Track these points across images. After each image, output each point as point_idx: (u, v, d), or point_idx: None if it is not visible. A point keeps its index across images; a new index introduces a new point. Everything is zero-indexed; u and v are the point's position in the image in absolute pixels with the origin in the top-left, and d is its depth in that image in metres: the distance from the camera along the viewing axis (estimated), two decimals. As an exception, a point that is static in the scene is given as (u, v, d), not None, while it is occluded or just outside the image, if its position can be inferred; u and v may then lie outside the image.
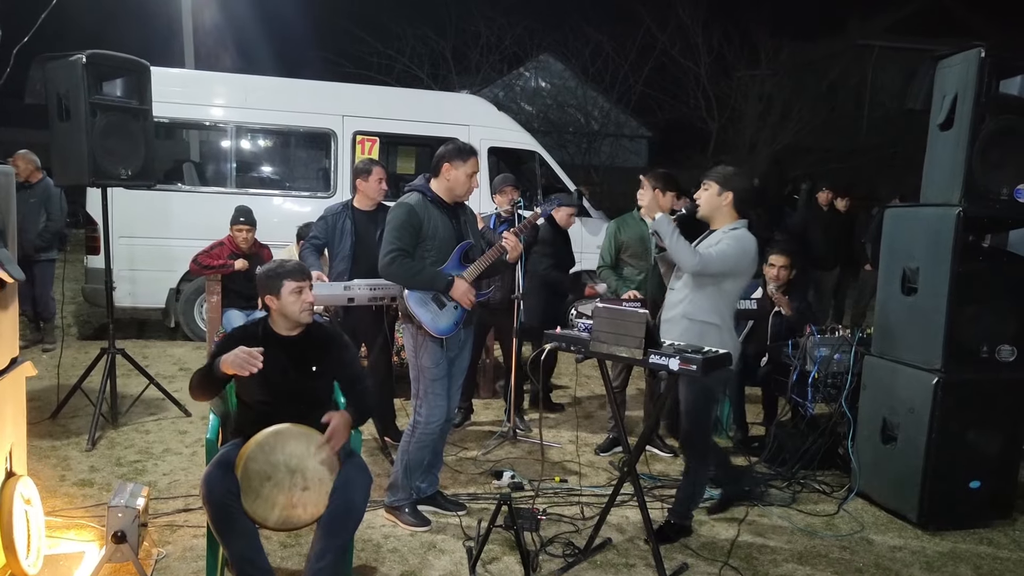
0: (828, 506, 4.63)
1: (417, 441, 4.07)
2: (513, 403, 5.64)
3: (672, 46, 18.57)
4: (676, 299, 3.97)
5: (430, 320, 3.95)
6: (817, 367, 4.97)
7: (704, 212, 3.96)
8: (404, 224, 3.91)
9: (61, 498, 4.22)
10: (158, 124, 6.19)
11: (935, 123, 4.33)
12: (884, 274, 4.66)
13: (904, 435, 4.41)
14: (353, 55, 17.60)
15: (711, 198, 3.93)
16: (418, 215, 3.92)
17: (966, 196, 4.13)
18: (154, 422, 5.60)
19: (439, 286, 3.93)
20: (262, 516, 3.00)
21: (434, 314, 3.96)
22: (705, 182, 3.96)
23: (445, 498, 4.33)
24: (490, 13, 18.45)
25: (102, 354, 5.50)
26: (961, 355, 4.23)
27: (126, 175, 5.29)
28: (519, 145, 9.59)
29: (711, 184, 3.93)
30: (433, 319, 3.96)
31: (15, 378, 3.21)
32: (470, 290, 3.99)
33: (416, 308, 3.94)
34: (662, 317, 4.00)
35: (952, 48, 4.27)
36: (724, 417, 5.86)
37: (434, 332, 3.96)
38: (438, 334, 3.97)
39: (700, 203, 3.95)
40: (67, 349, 7.06)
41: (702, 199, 3.95)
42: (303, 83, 9.24)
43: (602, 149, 20.37)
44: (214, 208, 7.56)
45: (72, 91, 4.98)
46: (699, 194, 3.97)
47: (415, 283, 3.94)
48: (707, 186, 3.94)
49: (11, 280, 2.96)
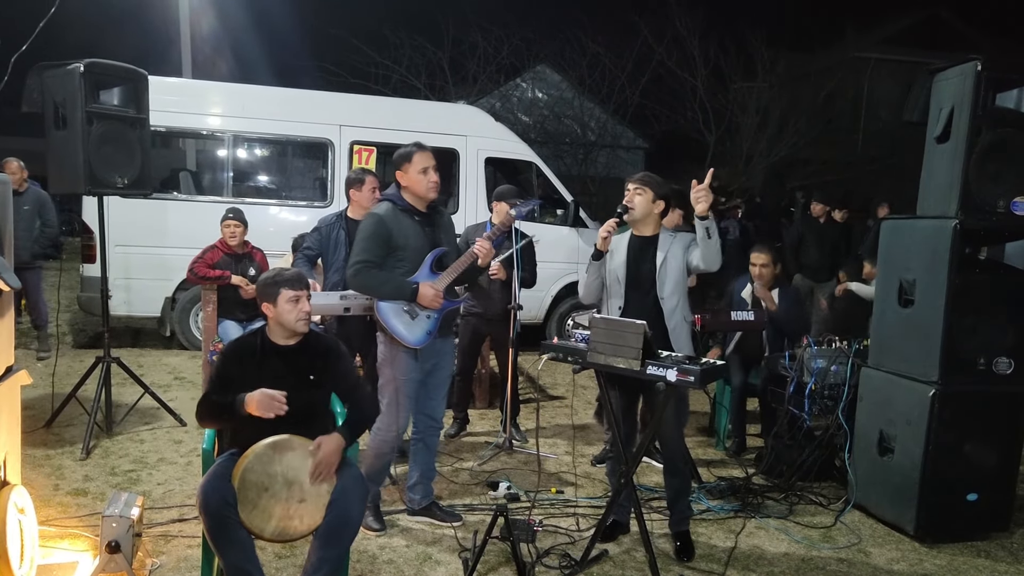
0: (825, 518, 4.62)
1: (374, 449, 4.06)
2: (509, 414, 5.63)
3: (669, 58, 18.61)
4: (671, 307, 3.98)
5: (403, 330, 3.94)
6: (814, 379, 4.97)
7: (638, 215, 4.02)
8: (372, 235, 3.91)
9: (55, 507, 4.19)
10: (155, 133, 6.18)
11: (932, 136, 4.35)
12: (881, 286, 4.67)
13: (901, 447, 4.41)
14: (350, 65, 17.62)
15: (646, 203, 4.00)
16: (387, 225, 3.91)
17: (963, 208, 4.14)
18: (149, 431, 5.58)
19: (405, 294, 3.91)
20: (258, 527, 2.98)
21: (406, 324, 3.95)
22: (639, 187, 4.02)
23: (441, 508, 4.31)
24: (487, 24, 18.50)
25: (97, 363, 5.48)
26: (958, 367, 4.23)
27: (122, 184, 5.29)
28: (516, 156, 9.60)
29: (645, 190, 4.00)
30: (406, 329, 3.95)
31: (10, 386, 3.19)
32: (438, 294, 3.96)
33: (388, 319, 3.93)
34: (668, 327, 3.98)
35: (949, 61, 4.29)
36: (721, 428, 5.86)
37: (406, 343, 3.95)
38: (411, 344, 3.96)
39: (635, 207, 4.00)
40: (62, 357, 7.04)
41: (637, 203, 4.00)
42: (300, 93, 9.25)
43: (599, 160, 20.39)
44: (210, 217, 7.53)
45: (69, 99, 4.98)
46: (631, 196, 4.01)
47: (381, 293, 3.93)
48: (641, 191, 4.01)
49: (7, 288, 2.95)
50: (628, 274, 4.05)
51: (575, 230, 9.35)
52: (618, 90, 19.37)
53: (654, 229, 4.07)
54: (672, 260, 3.98)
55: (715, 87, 19.01)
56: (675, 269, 3.99)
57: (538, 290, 8.24)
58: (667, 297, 3.99)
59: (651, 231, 4.07)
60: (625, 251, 4.08)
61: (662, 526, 4.29)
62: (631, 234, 4.12)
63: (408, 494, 4.33)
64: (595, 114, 20.31)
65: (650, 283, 4.00)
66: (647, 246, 4.05)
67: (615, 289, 4.09)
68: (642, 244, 4.06)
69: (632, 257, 4.06)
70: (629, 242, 4.10)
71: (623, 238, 4.12)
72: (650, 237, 4.06)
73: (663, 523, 4.30)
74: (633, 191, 4.01)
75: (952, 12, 25.31)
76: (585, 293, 4.21)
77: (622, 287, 4.06)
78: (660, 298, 3.99)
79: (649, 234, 4.07)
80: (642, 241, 4.07)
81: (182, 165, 9.89)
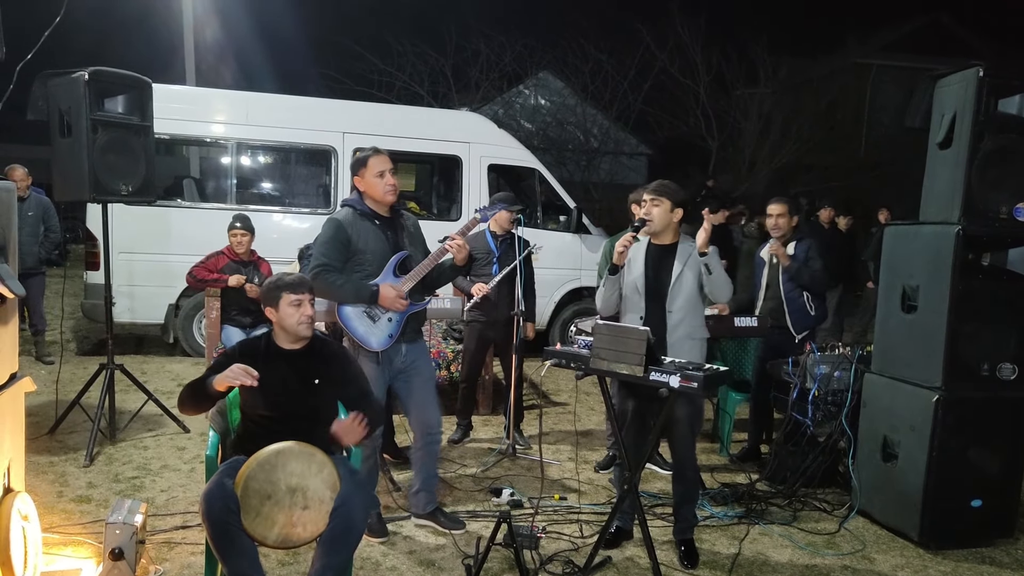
0: (829, 524, 4.61)
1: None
2: (513, 419, 5.63)
3: (671, 64, 18.65)
4: (676, 321, 3.97)
5: (363, 334, 3.95)
6: (817, 384, 4.96)
7: (657, 227, 3.99)
8: (331, 239, 3.93)
9: (58, 514, 4.20)
10: (158, 140, 6.21)
11: (934, 142, 4.34)
12: (884, 292, 4.67)
13: (905, 453, 4.40)
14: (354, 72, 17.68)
15: (664, 214, 3.97)
16: (346, 230, 3.93)
17: (965, 214, 4.14)
18: (152, 438, 5.58)
19: (364, 296, 3.91)
20: (261, 534, 2.98)
21: (367, 328, 3.96)
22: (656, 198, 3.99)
23: (445, 515, 4.31)
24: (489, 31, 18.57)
25: (101, 370, 5.49)
26: (962, 373, 4.23)
27: (126, 191, 5.30)
28: (519, 162, 9.61)
29: (662, 200, 3.97)
30: (366, 332, 3.95)
31: (14, 393, 3.20)
32: (400, 295, 3.96)
33: (348, 322, 3.94)
34: (668, 342, 3.96)
35: (951, 67, 4.29)
36: (725, 434, 5.85)
37: (367, 346, 3.95)
38: (370, 348, 3.96)
39: (653, 219, 3.97)
40: (66, 364, 7.05)
41: (655, 214, 3.97)
42: (304, 100, 9.28)
43: (601, 166, 20.43)
44: (214, 224, 7.57)
45: (74, 107, 5.01)
46: (649, 208, 3.98)
47: (340, 296, 3.93)
48: (658, 202, 3.97)
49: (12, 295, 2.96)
50: (648, 285, 4.02)
51: (578, 236, 9.36)
52: (621, 96, 19.43)
53: (673, 237, 4.05)
54: (688, 274, 3.96)
55: (717, 93, 19.06)
56: (689, 285, 3.97)
57: (541, 296, 8.20)
58: (674, 311, 3.97)
59: (670, 239, 4.05)
60: (643, 261, 4.05)
61: (665, 533, 4.28)
62: (649, 242, 4.09)
63: (412, 499, 4.32)
64: (598, 120, 20.36)
65: (665, 294, 3.99)
66: (666, 256, 4.02)
67: (634, 300, 4.05)
68: (661, 254, 4.04)
69: (651, 267, 4.03)
70: (648, 251, 4.07)
71: (640, 247, 4.09)
72: (669, 246, 4.04)
73: (667, 529, 4.30)
74: (650, 202, 3.98)
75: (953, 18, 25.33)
76: (603, 306, 4.17)
77: (642, 299, 4.02)
78: (668, 311, 3.98)
79: (668, 243, 4.04)
80: (661, 250, 4.05)
81: (186, 172, 9.91)
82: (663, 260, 4.02)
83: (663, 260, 4.02)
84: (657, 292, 4.01)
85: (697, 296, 4.01)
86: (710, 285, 3.94)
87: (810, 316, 5.41)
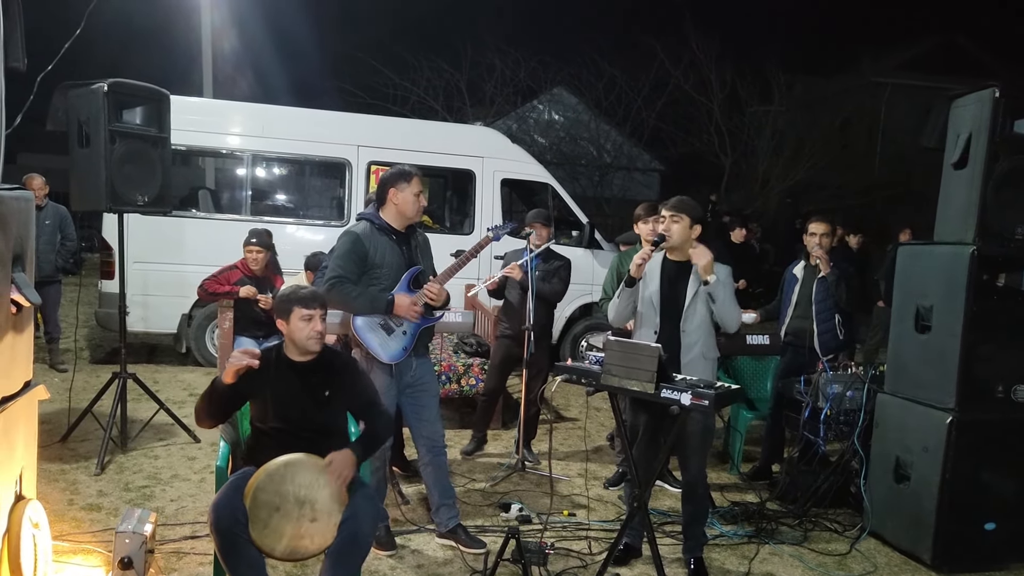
0: (840, 545, 4.57)
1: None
2: (523, 435, 5.62)
3: (685, 81, 18.68)
4: (692, 341, 3.95)
5: (378, 346, 3.96)
6: (829, 404, 4.93)
7: (676, 243, 3.98)
8: (348, 252, 3.95)
9: (69, 522, 4.21)
10: (175, 151, 6.25)
11: (949, 162, 4.33)
12: (897, 312, 4.64)
13: (917, 474, 4.36)
14: (369, 86, 17.79)
15: (683, 230, 3.96)
16: (363, 244, 3.95)
17: (980, 235, 4.13)
18: (163, 447, 5.60)
19: (380, 307, 3.93)
20: (269, 546, 2.99)
21: (382, 340, 3.97)
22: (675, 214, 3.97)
23: (467, 533, 4.26)
24: (504, 47, 18.66)
25: (113, 378, 5.51)
26: (976, 394, 4.20)
27: (142, 201, 5.35)
28: (532, 177, 9.64)
29: (681, 216, 3.96)
30: (381, 345, 3.97)
31: (28, 401, 3.21)
32: (415, 303, 3.97)
33: (363, 334, 3.95)
34: (682, 361, 3.95)
35: (966, 87, 4.29)
36: (735, 452, 5.82)
37: (382, 358, 3.96)
38: (386, 360, 3.98)
39: (672, 235, 3.96)
40: (79, 373, 7.08)
41: (674, 231, 3.95)
42: (319, 113, 9.34)
43: (614, 182, 20.44)
44: (228, 235, 7.61)
45: (93, 118, 5.06)
46: (668, 224, 3.97)
47: (355, 307, 3.95)
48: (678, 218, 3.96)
49: (28, 304, 2.98)
50: (663, 301, 4.00)
51: (590, 251, 9.36)
52: (634, 113, 19.47)
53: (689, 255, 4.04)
54: (702, 293, 3.95)
55: (731, 110, 19.05)
56: (704, 306, 3.96)
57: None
58: (689, 331, 3.96)
59: (687, 256, 4.02)
60: (659, 277, 4.04)
61: (675, 551, 4.26)
62: (664, 257, 4.07)
63: (435, 517, 4.31)
64: (611, 136, 20.40)
65: (680, 313, 3.97)
66: (682, 273, 4.01)
67: (649, 316, 4.04)
68: (678, 270, 4.02)
69: (667, 283, 4.02)
70: (663, 267, 4.05)
71: (656, 262, 4.07)
72: (685, 263, 4.02)
73: (676, 548, 4.28)
74: (670, 218, 3.97)
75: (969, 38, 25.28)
76: (615, 317, 4.17)
77: (657, 314, 4.01)
78: (681, 330, 3.96)
79: (685, 259, 4.02)
80: (677, 267, 4.03)
81: (201, 183, 10.00)
82: (679, 277, 4.01)
83: (679, 277, 4.01)
84: (672, 309, 3.99)
85: (711, 317, 4.00)
86: (718, 312, 3.94)
87: (838, 340, 5.38)
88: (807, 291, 5.44)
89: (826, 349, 5.34)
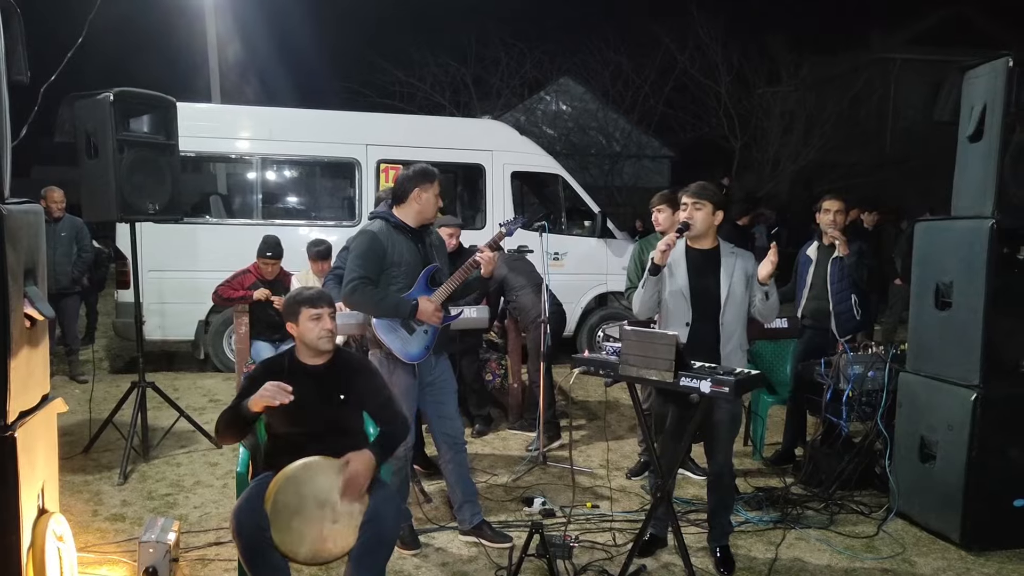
0: (867, 527, 4.52)
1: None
2: (542, 426, 5.59)
3: (692, 65, 18.57)
4: (730, 332, 3.90)
5: (400, 347, 3.94)
6: (851, 385, 4.88)
7: (700, 231, 3.92)
8: (367, 252, 3.90)
9: (93, 533, 4.23)
10: (185, 158, 6.27)
11: (964, 135, 4.26)
12: (916, 289, 4.58)
13: (943, 453, 4.31)
14: (376, 84, 17.83)
15: (706, 217, 3.90)
16: (382, 243, 3.91)
17: (999, 208, 4.06)
18: (185, 455, 5.62)
19: (404, 311, 3.90)
20: (292, 550, 2.98)
21: (404, 340, 3.95)
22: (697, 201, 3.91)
23: (491, 528, 4.24)
24: (509, 39, 18.61)
25: (133, 388, 5.53)
26: (999, 370, 4.14)
27: (153, 210, 5.35)
28: (542, 169, 9.60)
29: (704, 203, 3.90)
30: (403, 345, 3.94)
31: (47, 415, 3.22)
32: (438, 309, 3.96)
33: (384, 335, 3.92)
34: (721, 353, 3.89)
35: (979, 58, 4.21)
36: (758, 438, 5.77)
37: (405, 358, 3.95)
38: (409, 360, 3.96)
39: (695, 223, 3.90)
40: (99, 383, 7.11)
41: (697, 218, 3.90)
42: (327, 114, 9.34)
43: (624, 170, 20.38)
44: (242, 240, 7.63)
45: (100, 128, 5.06)
46: (691, 212, 3.91)
47: (379, 310, 3.92)
48: (700, 205, 3.91)
49: (41, 318, 2.98)
50: (693, 291, 3.92)
51: (603, 241, 9.32)
52: (642, 100, 19.38)
53: (712, 242, 3.98)
54: (738, 287, 3.89)
55: (739, 93, 18.93)
56: (739, 297, 3.90)
57: (568, 302, 8.20)
58: (727, 323, 3.90)
59: (710, 244, 3.97)
60: (685, 267, 3.96)
61: (700, 539, 4.23)
62: (687, 246, 4.00)
63: (458, 515, 4.30)
64: (619, 124, 20.33)
65: (714, 306, 3.90)
66: (708, 261, 3.95)
67: (680, 308, 3.94)
68: (703, 259, 3.96)
69: (694, 273, 3.95)
70: (688, 257, 3.97)
71: (679, 251, 3.98)
72: (710, 251, 3.96)
73: (701, 536, 4.24)
74: (692, 206, 3.90)
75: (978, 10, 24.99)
76: (641, 309, 4.04)
77: (688, 305, 3.92)
78: (721, 323, 3.90)
79: (708, 247, 3.97)
80: (703, 255, 3.96)
81: (212, 189, 9.99)
82: (706, 266, 3.94)
83: (706, 266, 3.94)
84: (704, 301, 3.91)
85: (746, 307, 3.95)
86: (764, 308, 3.91)
87: (855, 320, 5.32)
88: (822, 272, 5.38)
89: (844, 330, 5.29)
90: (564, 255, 9.11)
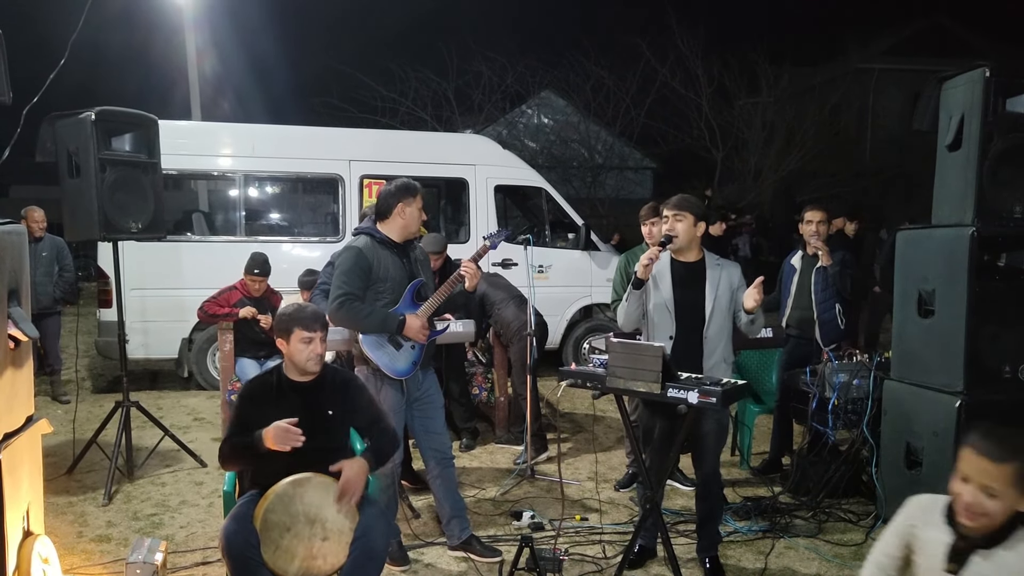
0: (856, 535, 4.54)
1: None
2: (530, 439, 5.59)
3: (672, 77, 18.69)
4: (713, 346, 3.91)
5: (387, 362, 3.92)
6: (836, 393, 4.91)
7: (683, 243, 3.94)
8: (353, 268, 3.89)
9: (79, 555, 4.18)
10: (167, 176, 6.23)
11: (943, 144, 4.31)
12: (899, 297, 4.62)
13: (929, 460, 4.34)
14: (357, 100, 17.78)
15: (688, 229, 3.91)
16: (367, 258, 3.90)
17: (978, 216, 4.10)
18: (170, 474, 5.57)
19: (391, 327, 3.89)
20: (282, 568, 2.96)
21: (391, 356, 3.94)
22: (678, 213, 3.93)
23: (480, 543, 4.23)
24: (490, 53, 18.66)
25: (116, 407, 5.48)
26: (983, 376, 4.17)
27: (136, 228, 5.32)
28: (525, 182, 9.62)
29: (685, 215, 3.92)
30: (390, 361, 3.93)
31: (31, 436, 3.19)
32: (424, 326, 3.95)
33: (371, 351, 3.91)
34: (704, 366, 3.89)
35: (956, 68, 4.27)
36: (745, 447, 5.79)
37: (392, 374, 3.93)
38: (396, 376, 3.95)
39: (678, 234, 3.91)
40: (82, 403, 7.06)
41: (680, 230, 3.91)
42: (309, 130, 9.33)
43: (607, 182, 20.45)
44: (225, 257, 7.60)
45: (81, 148, 5.03)
46: (672, 224, 3.92)
47: (366, 326, 3.90)
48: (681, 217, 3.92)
49: (25, 338, 2.96)
50: (677, 305, 3.93)
51: (587, 253, 9.34)
52: (623, 112, 19.46)
53: (697, 254, 3.99)
54: (722, 299, 3.91)
55: (720, 104, 19.07)
56: (723, 311, 3.92)
57: (552, 315, 8.21)
58: (710, 337, 3.90)
59: (694, 256, 3.98)
60: (670, 280, 3.96)
61: (689, 550, 4.23)
62: (671, 259, 4.00)
63: (446, 530, 4.29)
64: (601, 137, 20.40)
65: (699, 319, 3.90)
66: (693, 273, 3.95)
67: (664, 321, 3.94)
68: (688, 272, 3.96)
69: (679, 286, 3.95)
70: (672, 269, 3.97)
71: (663, 264, 3.99)
72: (695, 263, 3.97)
73: (690, 547, 4.25)
74: (673, 218, 3.91)
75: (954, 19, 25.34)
76: (625, 321, 4.05)
77: (672, 319, 3.92)
78: (704, 337, 3.90)
79: (693, 260, 3.98)
80: (687, 268, 3.97)
81: (195, 206, 9.99)
82: (691, 279, 3.94)
83: (691, 279, 3.94)
84: (688, 314, 3.91)
85: (730, 320, 3.97)
86: (748, 329, 3.94)
87: (839, 330, 5.36)
88: (806, 281, 5.42)
89: (828, 339, 5.33)
90: (549, 267, 9.13)
